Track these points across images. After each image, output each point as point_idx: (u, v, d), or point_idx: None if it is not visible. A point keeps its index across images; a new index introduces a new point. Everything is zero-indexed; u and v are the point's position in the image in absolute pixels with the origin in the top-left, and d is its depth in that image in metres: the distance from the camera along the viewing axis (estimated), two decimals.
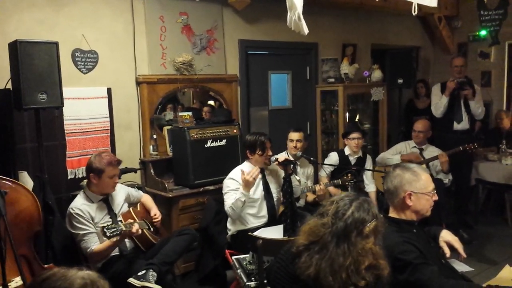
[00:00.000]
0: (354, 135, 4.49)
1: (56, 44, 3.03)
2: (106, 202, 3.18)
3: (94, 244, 2.98)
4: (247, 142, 3.61)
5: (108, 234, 2.75)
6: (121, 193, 3.33)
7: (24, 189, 2.70)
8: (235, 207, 3.39)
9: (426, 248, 2.16)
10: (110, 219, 3.11)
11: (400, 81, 5.78)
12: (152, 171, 4.14)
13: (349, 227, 1.73)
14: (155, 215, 3.39)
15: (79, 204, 3.05)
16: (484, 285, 2.22)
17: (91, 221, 3.02)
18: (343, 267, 1.68)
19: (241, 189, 3.37)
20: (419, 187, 2.21)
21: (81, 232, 2.98)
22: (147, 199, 3.55)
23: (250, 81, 5.10)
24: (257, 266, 2.66)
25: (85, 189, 3.17)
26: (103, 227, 2.77)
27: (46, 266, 2.65)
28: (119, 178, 3.26)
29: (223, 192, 3.55)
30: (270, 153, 3.60)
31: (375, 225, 1.76)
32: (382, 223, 1.81)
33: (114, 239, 2.89)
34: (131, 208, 3.31)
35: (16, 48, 2.86)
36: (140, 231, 2.96)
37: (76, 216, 2.98)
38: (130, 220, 3.08)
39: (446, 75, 5.22)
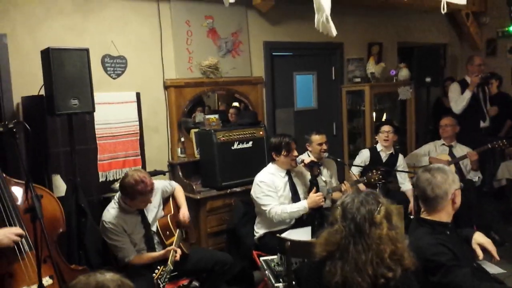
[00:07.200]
0: (385, 127, 4.47)
1: (87, 50, 3.09)
2: (141, 212, 3.15)
3: (132, 253, 3.02)
4: (272, 143, 3.62)
5: (162, 284, 2.72)
6: (156, 197, 3.27)
7: (46, 193, 2.73)
8: (290, 216, 3.47)
9: (459, 250, 2.13)
10: (144, 229, 3.13)
11: (427, 79, 5.62)
12: (180, 173, 4.20)
13: (360, 222, 1.73)
14: (183, 217, 3.36)
15: (112, 217, 3.03)
16: None
17: (124, 232, 3.05)
18: (367, 263, 1.68)
19: (305, 203, 3.42)
20: (457, 181, 2.23)
21: (118, 245, 3.02)
22: (179, 193, 3.50)
23: (276, 83, 5.11)
24: (286, 268, 2.68)
25: (120, 199, 3.10)
26: (157, 279, 2.72)
27: (72, 266, 2.70)
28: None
29: (256, 196, 3.53)
30: (296, 153, 3.61)
31: (385, 210, 1.76)
32: (391, 206, 1.80)
33: (155, 255, 3.04)
34: (168, 217, 3.26)
35: (48, 56, 2.92)
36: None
37: (110, 230, 3.01)
38: (171, 241, 3.12)
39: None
